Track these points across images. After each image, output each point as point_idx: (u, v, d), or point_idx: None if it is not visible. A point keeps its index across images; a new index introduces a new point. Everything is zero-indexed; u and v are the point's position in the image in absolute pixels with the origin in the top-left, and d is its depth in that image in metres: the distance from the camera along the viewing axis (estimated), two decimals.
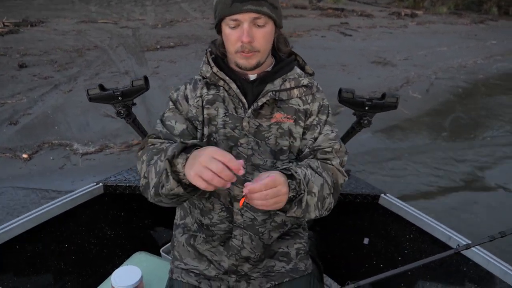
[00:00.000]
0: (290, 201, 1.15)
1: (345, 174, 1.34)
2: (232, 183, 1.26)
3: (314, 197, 1.17)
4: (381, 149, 4.94)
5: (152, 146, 1.26)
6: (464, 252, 1.43)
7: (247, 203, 1.09)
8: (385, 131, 5.42)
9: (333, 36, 10.78)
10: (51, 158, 4.31)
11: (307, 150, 1.32)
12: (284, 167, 1.19)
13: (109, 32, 9.40)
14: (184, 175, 1.09)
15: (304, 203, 1.16)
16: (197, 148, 1.10)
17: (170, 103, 1.37)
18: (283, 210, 1.17)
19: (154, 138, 1.30)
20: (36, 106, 5.43)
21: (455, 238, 1.69)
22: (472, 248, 1.30)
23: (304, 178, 1.16)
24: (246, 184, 1.05)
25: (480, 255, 1.61)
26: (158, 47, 8.47)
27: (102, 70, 6.89)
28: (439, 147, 5.13)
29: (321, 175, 1.22)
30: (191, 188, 1.12)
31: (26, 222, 1.66)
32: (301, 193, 1.15)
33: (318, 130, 1.33)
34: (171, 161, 1.10)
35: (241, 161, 1.02)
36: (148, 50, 8.19)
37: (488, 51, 10.41)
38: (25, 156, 4.28)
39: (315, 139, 1.33)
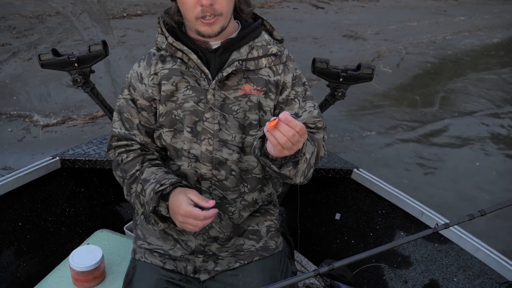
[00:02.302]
0: (287, 158, 1.08)
1: (325, 148, 1.29)
2: (199, 161, 1.19)
3: (305, 163, 1.10)
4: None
5: (120, 160, 1.28)
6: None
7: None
8: (356, 104, 5.41)
9: (305, 8, 10.63)
10: (9, 130, 4.09)
11: None
12: None
13: None
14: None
15: (299, 165, 1.09)
16: (175, 186, 1.17)
17: (126, 90, 1.29)
18: (277, 164, 1.09)
19: (117, 141, 1.31)
20: None
21: (427, 214, 1.68)
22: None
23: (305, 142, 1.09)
24: (286, 112, 0.95)
25: (453, 232, 1.59)
26: (125, 15, 8.14)
27: (64, 37, 6.56)
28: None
29: (312, 144, 1.16)
30: None
31: None
32: (301, 156, 1.07)
33: (297, 105, 1.26)
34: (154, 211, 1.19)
35: (213, 207, 1.10)
36: (114, 18, 7.86)
37: (456, 27, 10.51)
38: None
39: (297, 115, 1.25)
